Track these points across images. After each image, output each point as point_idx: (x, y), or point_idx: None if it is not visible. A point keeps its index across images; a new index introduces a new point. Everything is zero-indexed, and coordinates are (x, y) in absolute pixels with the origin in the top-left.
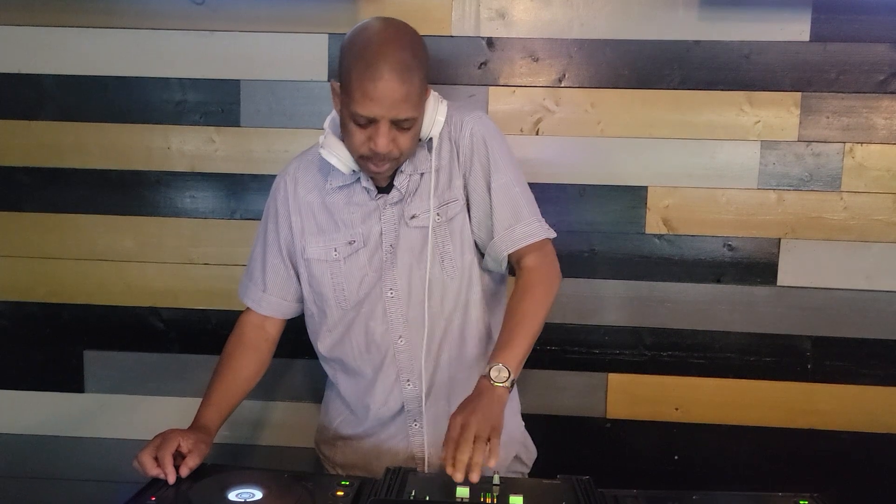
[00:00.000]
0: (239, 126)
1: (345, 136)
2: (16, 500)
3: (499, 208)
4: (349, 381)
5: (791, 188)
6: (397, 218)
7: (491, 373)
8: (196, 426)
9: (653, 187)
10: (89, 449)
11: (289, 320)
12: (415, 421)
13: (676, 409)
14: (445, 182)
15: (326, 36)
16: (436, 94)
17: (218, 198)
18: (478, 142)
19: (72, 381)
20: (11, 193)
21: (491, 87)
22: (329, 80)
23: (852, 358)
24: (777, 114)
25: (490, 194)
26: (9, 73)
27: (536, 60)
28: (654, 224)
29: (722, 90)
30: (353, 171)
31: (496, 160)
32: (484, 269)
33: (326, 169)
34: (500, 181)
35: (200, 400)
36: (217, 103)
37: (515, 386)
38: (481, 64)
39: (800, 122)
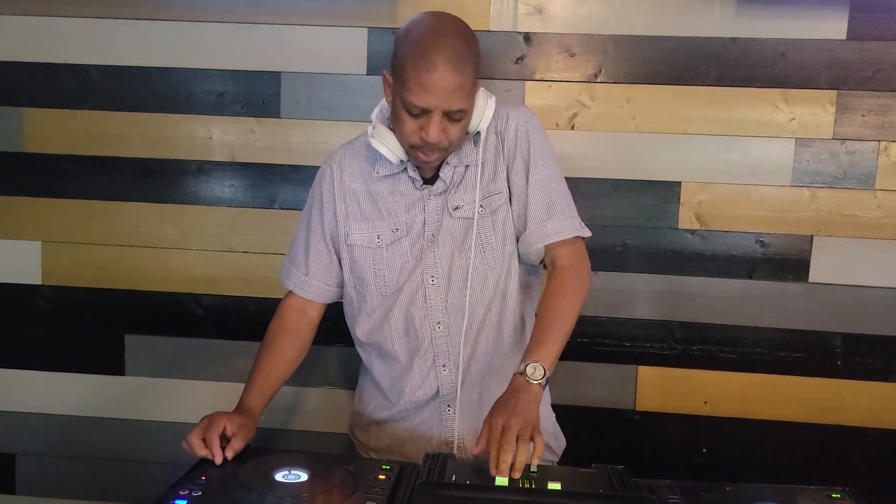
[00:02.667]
0: (279, 117)
1: (396, 125)
2: (58, 480)
3: (534, 202)
4: (384, 366)
5: (825, 186)
6: (441, 208)
7: (527, 370)
8: (240, 409)
9: (686, 183)
10: (129, 430)
11: (326, 308)
12: (448, 406)
13: (705, 402)
14: (490, 175)
15: (366, 30)
16: (484, 89)
17: (258, 187)
18: (521, 136)
19: (113, 364)
20: (57, 181)
21: (527, 82)
22: (369, 73)
23: (882, 355)
24: (812, 111)
25: (527, 188)
26: (55, 63)
27: (573, 56)
28: (686, 219)
29: (757, 87)
30: (401, 160)
31: (536, 155)
32: (521, 260)
33: (373, 158)
34: (537, 176)
35: (237, 385)
36: (258, 95)
37: None
38: (518, 59)
39: (835, 120)
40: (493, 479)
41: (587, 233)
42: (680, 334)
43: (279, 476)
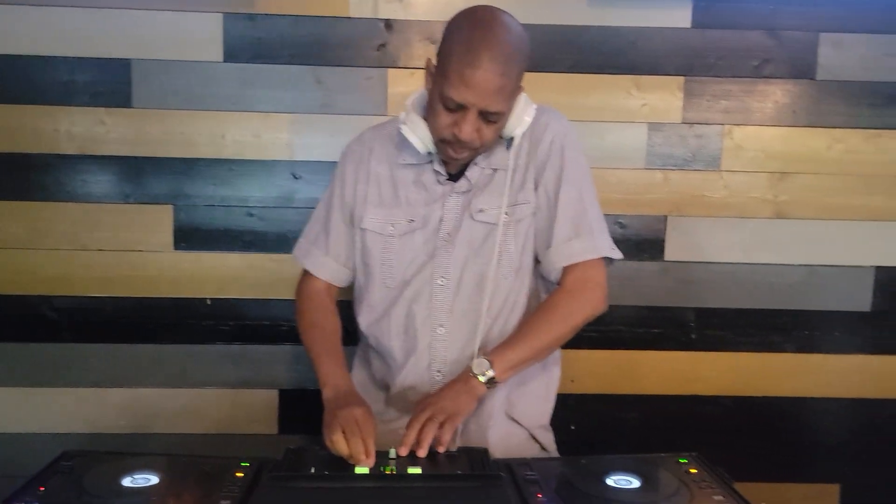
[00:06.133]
0: (131, 107)
1: (430, 116)
2: None
3: (561, 219)
4: (380, 362)
5: (676, 168)
6: (461, 208)
7: (473, 364)
8: (347, 393)
9: None
10: None
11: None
12: None
13: (572, 381)
14: (519, 183)
15: (221, 16)
16: (525, 95)
17: (111, 182)
18: (556, 150)
19: None
20: None
21: (390, 69)
22: (227, 60)
23: (731, 327)
24: (662, 97)
25: (557, 204)
26: None
27: (434, 42)
28: None
29: (611, 74)
30: (429, 152)
31: (570, 171)
32: (536, 275)
33: (401, 144)
34: (568, 193)
35: (96, 390)
36: (107, 83)
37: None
38: (380, 46)
39: (683, 105)
40: (353, 469)
41: (618, 255)
42: None
43: (127, 481)
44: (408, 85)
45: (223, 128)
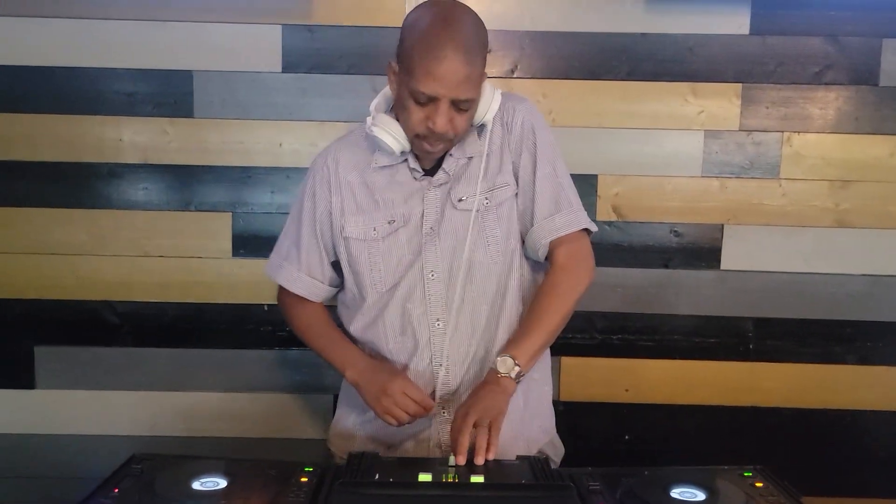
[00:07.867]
0: (192, 117)
1: (401, 115)
2: None
3: (541, 197)
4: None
5: (733, 176)
6: (442, 200)
7: (497, 364)
8: (373, 368)
9: (602, 175)
10: (42, 446)
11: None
12: (443, 408)
13: (626, 390)
14: (496, 167)
15: (280, 27)
16: (489, 82)
17: (172, 190)
18: (528, 130)
19: (22, 378)
20: None
21: None
22: (285, 71)
23: (791, 337)
24: (719, 104)
25: (534, 183)
26: None
27: (489, 52)
28: (604, 211)
29: (667, 81)
30: (402, 151)
31: (543, 150)
32: (525, 256)
33: (371, 148)
34: (544, 170)
35: (158, 393)
36: (169, 94)
37: (550, 388)
38: None
39: (741, 112)
40: (417, 475)
41: (594, 226)
42: (601, 325)
43: (196, 484)
44: None
45: (281, 136)
